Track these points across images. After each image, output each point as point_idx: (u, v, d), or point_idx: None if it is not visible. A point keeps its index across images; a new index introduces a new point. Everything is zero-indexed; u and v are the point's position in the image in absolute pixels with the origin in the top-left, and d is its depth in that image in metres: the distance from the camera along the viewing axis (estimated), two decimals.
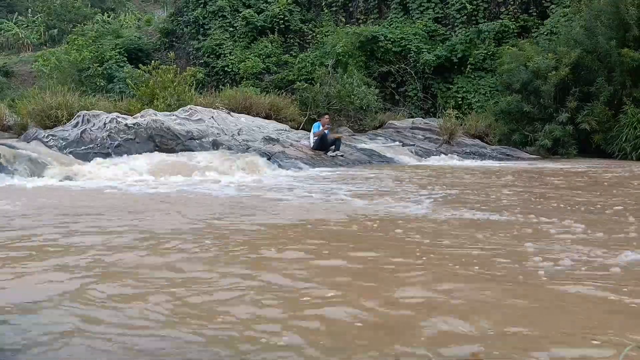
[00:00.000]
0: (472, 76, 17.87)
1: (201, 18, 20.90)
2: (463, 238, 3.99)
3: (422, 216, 4.97)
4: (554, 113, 13.95)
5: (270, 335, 2.17)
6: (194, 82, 15.24)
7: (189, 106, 12.45)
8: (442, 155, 13.43)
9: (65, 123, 11.60)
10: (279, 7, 20.35)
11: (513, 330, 2.21)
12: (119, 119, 11.12)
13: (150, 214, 5.24)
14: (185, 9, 21.81)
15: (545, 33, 16.89)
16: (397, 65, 18.39)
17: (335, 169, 10.69)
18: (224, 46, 20.06)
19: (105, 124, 10.96)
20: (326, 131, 12.14)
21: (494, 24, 17.95)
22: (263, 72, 19.04)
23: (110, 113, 11.59)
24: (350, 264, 3.30)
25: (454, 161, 12.80)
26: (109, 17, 30.92)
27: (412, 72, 18.27)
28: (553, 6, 17.62)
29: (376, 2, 20.31)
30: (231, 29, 20.49)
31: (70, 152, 10.26)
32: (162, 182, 8.11)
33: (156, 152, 10.42)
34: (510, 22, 17.93)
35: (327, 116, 12.73)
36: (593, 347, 2.07)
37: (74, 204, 6.03)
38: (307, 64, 18.46)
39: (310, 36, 20.50)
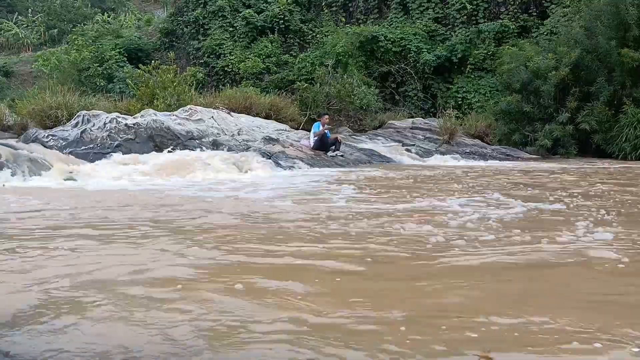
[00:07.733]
0: (472, 76, 17.88)
1: (201, 18, 20.90)
2: None
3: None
4: (554, 113, 13.95)
5: None
6: (194, 82, 15.26)
7: (189, 106, 12.44)
8: (443, 156, 13.40)
9: (65, 123, 11.61)
10: (279, 7, 20.35)
11: None
12: (119, 119, 11.13)
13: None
14: (185, 9, 21.81)
15: (545, 33, 16.89)
16: (397, 65, 18.39)
17: (334, 169, 10.68)
18: (224, 46, 20.06)
19: (105, 124, 10.96)
20: (327, 132, 12.14)
21: (494, 24, 17.95)
22: (263, 72, 19.03)
23: (110, 113, 11.59)
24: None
25: (455, 161, 12.77)
26: (109, 17, 30.89)
27: (412, 72, 18.28)
28: (553, 6, 17.61)
29: (376, 2, 20.32)
30: (231, 29, 20.49)
31: (70, 152, 10.25)
32: (156, 181, 8.18)
33: (154, 152, 10.44)
34: (510, 22, 17.93)
35: (327, 116, 12.70)
36: None
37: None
38: (307, 64, 18.45)
39: (310, 36, 20.49)
